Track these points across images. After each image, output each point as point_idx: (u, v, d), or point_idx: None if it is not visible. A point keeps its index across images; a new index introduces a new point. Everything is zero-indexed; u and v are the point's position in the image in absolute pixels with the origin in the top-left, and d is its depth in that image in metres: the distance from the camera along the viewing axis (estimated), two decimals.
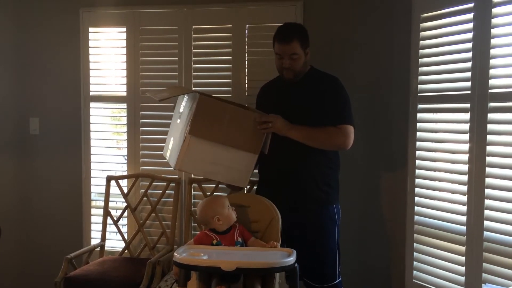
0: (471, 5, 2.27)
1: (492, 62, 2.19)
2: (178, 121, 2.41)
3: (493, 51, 2.18)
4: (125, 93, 3.12)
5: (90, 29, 3.15)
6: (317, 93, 2.36)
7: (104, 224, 3.07)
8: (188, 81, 3.03)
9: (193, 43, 3.02)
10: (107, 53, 3.18)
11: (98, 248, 3.03)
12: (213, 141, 2.23)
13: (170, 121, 3.05)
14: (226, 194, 2.53)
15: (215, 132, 2.23)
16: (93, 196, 3.22)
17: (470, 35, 2.28)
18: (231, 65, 2.98)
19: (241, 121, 2.27)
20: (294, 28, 2.37)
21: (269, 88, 2.56)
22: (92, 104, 3.18)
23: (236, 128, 2.26)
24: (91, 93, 3.17)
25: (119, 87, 3.15)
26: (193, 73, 3.03)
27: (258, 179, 2.58)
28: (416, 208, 2.57)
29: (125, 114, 3.14)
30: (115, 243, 3.14)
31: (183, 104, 2.42)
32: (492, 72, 2.19)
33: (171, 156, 2.36)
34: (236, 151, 2.27)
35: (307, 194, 2.36)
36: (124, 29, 3.10)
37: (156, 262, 2.68)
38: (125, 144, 3.16)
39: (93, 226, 3.19)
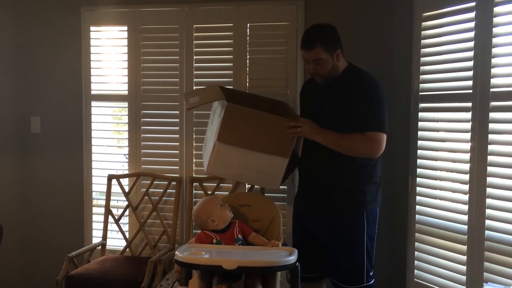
0: (473, 4, 2.26)
1: (494, 61, 2.18)
2: (212, 123, 2.43)
3: (494, 50, 2.18)
4: (126, 92, 3.12)
5: (92, 28, 3.15)
6: (345, 95, 2.25)
7: (106, 223, 3.07)
8: (189, 80, 3.03)
9: (194, 42, 3.01)
10: (108, 52, 3.18)
11: (100, 247, 3.04)
12: (242, 147, 2.25)
13: (171, 120, 3.08)
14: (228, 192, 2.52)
15: (244, 138, 2.25)
16: (94, 195, 3.22)
17: (471, 34, 2.28)
18: (232, 64, 2.98)
19: (269, 126, 2.27)
20: (316, 33, 2.25)
21: (308, 85, 2.51)
22: (93, 103, 3.18)
23: (265, 133, 2.26)
24: (93, 92, 3.17)
25: (121, 86, 3.15)
26: (194, 72, 3.03)
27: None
28: (417, 207, 2.57)
29: (127, 113, 3.14)
30: (116, 241, 3.14)
31: (216, 107, 2.44)
32: (493, 71, 2.19)
33: (205, 159, 2.41)
34: (265, 156, 2.27)
35: (332, 199, 2.30)
36: (125, 28, 3.10)
37: (158, 261, 2.68)
38: (126, 143, 3.16)
39: (94, 225, 3.20)
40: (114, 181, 3.08)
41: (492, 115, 2.20)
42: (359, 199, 2.28)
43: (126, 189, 3.07)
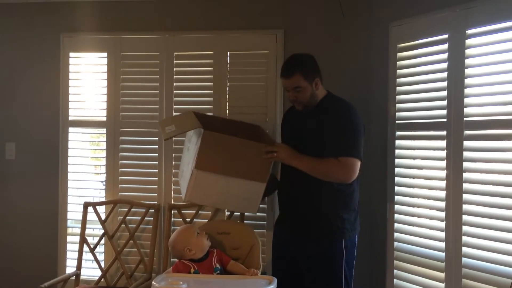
0: (446, 36, 2.35)
1: (467, 91, 2.25)
2: (188, 150, 2.44)
3: (467, 81, 2.25)
4: (105, 118, 3.10)
5: (71, 54, 3.14)
6: (321, 122, 2.28)
7: (80, 252, 2.99)
8: (169, 106, 3.03)
9: (174, 69, 3.03)
10: (87, 78, 3.16)
11: (74, 277, 2.94)
12: (219, 173, 2.27)
13: (150, 146, 3.06)
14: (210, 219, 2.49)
15: (221, 165, 2.27)
16: (69, 223, 3.14)
17: (445, 65, 2.35)
18: (212, 91, 3.00)
19: (246, 152, 2.29)
20: (295, 62, 2.30)
21: (288, 113, 2.56)
22: (70, 129, 3.14)
23: (242, 159, 2.29)
24: (70, 118, 3.14)
25: (99, 112, 3.13)
26: (174, 99, 3.03)
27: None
28: (396, 234, 2.59)
29: (105, 140, 3.11)
30: (91, 271, 3.06)
31: (191, 135, 2.46)
32: (466, 101, 2.25)
33: (182, 187, 2.41)
34: (243, 181, 2.30)
35: (311, 226, 2.31)
36: (105, 54, 3.10)
37: None
38: (103, 169, 3.11)
39: (68, 254, 3.11)
40: (90, 209, 3.01)
41: (466, 143, 2.25)
42: (337, 226, 2.29)
43: (103, 216, 3.01)
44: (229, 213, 2.92)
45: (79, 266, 2.98)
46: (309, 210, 2.31)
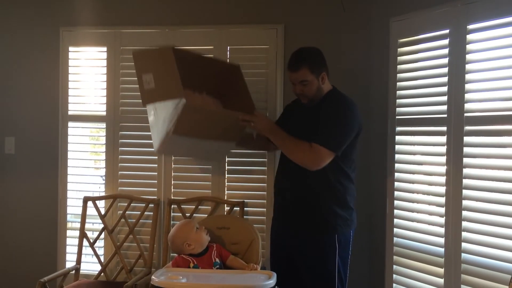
0: (447, 31, 2.34)
1: (467, 86, 2.25)
2: (165, 104, 2.34)
3: (468, 76, 2.24)
4: (104, 113, 3.09)
5: (70, 48, 3.13)
6: (318, 115, 2.30)
7: (80, 246, 2.99)
8: None
9: None
10: (87, 72, 3.15)
11: (73, 272, 2.95)
12: (194, 137, 2.34)
13: (149, 141, 3.01)
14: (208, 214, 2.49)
15: (197, 131, 2.33)
16: (69, 217, 3.14)
17: (446, 60, 2.34)
18: None
19: (224, 120, 2.38)
20: (303, 55, 2.30)
21: (294, 104, 2.53)
22: (70, 124, 3.13)
23: (218, 126, 2.36)
24: (70, 112, 3.13)
25: (99, 106, 3.12)
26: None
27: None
28: (395, 230, 2.59)
29: (104, 134, 3.10)
30: (91, 266, 3.06)
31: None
32: (467, 96, 2.25)
33: (154, 137, 2.38)
34: (216, 141, 2.42)
35: (305, 221, 2.32)
36: (104, 48, 3.09)
37: (133, 286, 2.61)
38: (103, 164, 3.11)
39: (68, 249, 3.11)
40: (89, 203, 3.01)
41: (467, 139, 2.25)
42: (330, 221, 2.30)
43: (102, 211, 3.01)
44: (228, 208, 2.93)
45: (78, 261, 2.98)
46: (303, 206, 2.32)
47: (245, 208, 2.91)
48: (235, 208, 2.90)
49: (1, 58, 3.21)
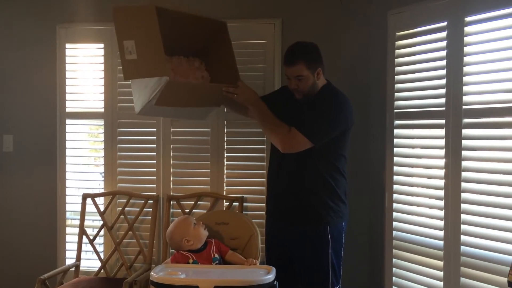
0: (444, 23, 2.33)
1: (466, 79, 2.24)
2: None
3: (466, 69, 2.23)
4: (102, 110, 3.08)
5: (67, 45, 3.11)
6: (308, 108, 2.30)
7: (80, 243, 2.99)
8: None
9: None
10: (84, 69, 3.14)
11: (73, 268, 2.95)
12: (177, 106, 2.35)
13: (148, 137, 3.04)
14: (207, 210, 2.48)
15: (180, 101, 2.33)
16: (68, 214, 3.14)
17: (444, 53, 2.33)
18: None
19: (207, 91, 2.40)
20: (300, 50, 2.27)
21: (289, 94, 2.41)
22: (68, 121, 3.12)
23: (201, 96, 2.38)
24: (67, 110, 3.12)
25: (96, 103, 3.11)
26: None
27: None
28: (394, 223, 2.59)
29: (102, 131, 3.10)
30: (90, 262, 3.06)
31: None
32: (465, 89, 2.24)
33: (135, 99, 2.31)
34: (198, 108, 2.47)
35: (296, 213, 2.33)
36: (101, 45, 3.08)
37: (133, 282, 2.62)
38: (102, 161, 3.11)
39: (68, 246, 3.11)
40: (89, 200, 3.01)
41: (465, 132, 2.24)
42: (321, 213, 2.30)
43: (101, 208, 3.01)
44: (227, 203, 2.92)
45: (78, 258, 2.98)
46: (294, 200, 2.32)
47: (244, 204, 2.91)
48: (234, 204, 2.90)
49: None
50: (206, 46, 2.51)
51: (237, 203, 2.88)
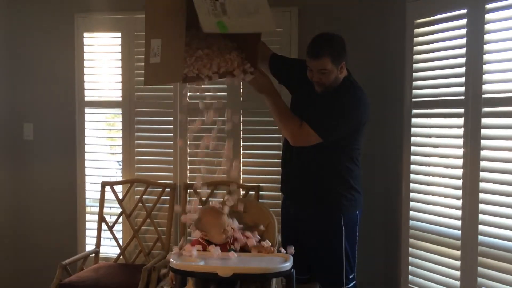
0: (464, 11, 2.29)
1: (485, 67, 2.21)
2: None
3: (486, 57, 2.20)
4: (120, 99, 3.12)
5: (85, 34, 3.14)
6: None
7: (99, 230, 3.05)
8: (183, 85, 3.02)
9: None
10: (102, 58, 3.17)
11: (93, 255, 3.02)
12: None
13: (165, 126, 3.07)
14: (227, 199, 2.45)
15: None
16: (87, 202, 3.20)
17: (463, 41, 2.30)
18: None
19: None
20: (326, 43, 2.18)
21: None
22: (86, 110, 3.17)
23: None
24: (86, 99, 3.16)
25: (114, 92, 3.15)
26: (183, 83, 3.01)
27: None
28: (411, 213, 2.59)
29: (120, 120, 3.13)
30: (110, 249, 3.12)
31: None
32: (485, 77, 2.21)
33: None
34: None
35: (310, 201, 2.33)
36: (119, 34, 3.10)
37: (152, 268, 2.67)
38: (120, 149, 3.15)
39: (87, 232, 3.17)
40: (107, 188, 3.06)
41: (484, 121, 2.22)
42: (335, 201, 2.29)
43: (120, 196, 3.06)
44: (244, 192, 2.95)
45: (98, 244, 3.04)
46: (309, 189, 2.32)
47: (260, 192, 2.93)
48: (250, 192, 2.92)
49: (17, 46, 3.24)
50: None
51: (253, 192, 2.90)
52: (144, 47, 1.84)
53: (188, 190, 3.01)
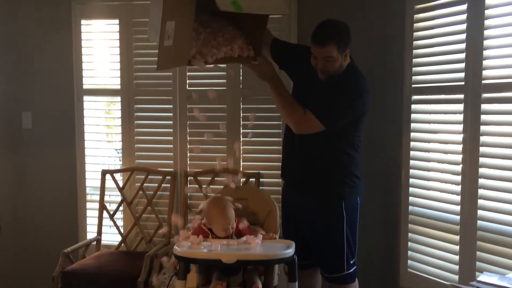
0: None
1: (486, 53, 2.21)
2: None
3: (486, 42, 2.21)
4: (119, 87, 3.10)
5: (82, 22, 3.11)
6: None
7: (100, 218, 3.06)
8: (183, 73, 3.01)
9: None
10: (100, 45, 3.15)
11: (95, 242, 3.03)
12: None
13: (164, 114, 3.06)
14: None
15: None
16: (88, 190, 3.20)
17: (463, 26, 2.30)
18: None
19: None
20: (332, 30, 2.15)
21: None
22: (85, 98, 3.15)
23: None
24: (84, 87, 3.15)
25: (113, 80, 3.13)
26: (187, 66, 3.00)
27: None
28: (410, 198, 2.61)
29: (119, 108, 3.12)
30: (111, 237, 3.14)
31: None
32: (485, 63, 2.22)
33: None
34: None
35: (311, 188, 2.34)
36: (117, 21, 3.07)
37: (154, 255, 2.69)
38: (119, 137, 3.14)
39: (89, 220, 3.18)
40: (108, 176, 3.07)
41: (484, 106, 2.23)
42: (336, 188, 2.30)
43: (120, 184, 3.07)
44: (244, 179, 2.96)
45: (99, 232, 3.06)
46: (310, 175, 2.33)
47: (260, 179, 2.94)
48: (251, 179, 2.94)
49: (14, 34, 3.21)
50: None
51: (254, 179, 2.91)
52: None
53: (189, 178, 3.02)
